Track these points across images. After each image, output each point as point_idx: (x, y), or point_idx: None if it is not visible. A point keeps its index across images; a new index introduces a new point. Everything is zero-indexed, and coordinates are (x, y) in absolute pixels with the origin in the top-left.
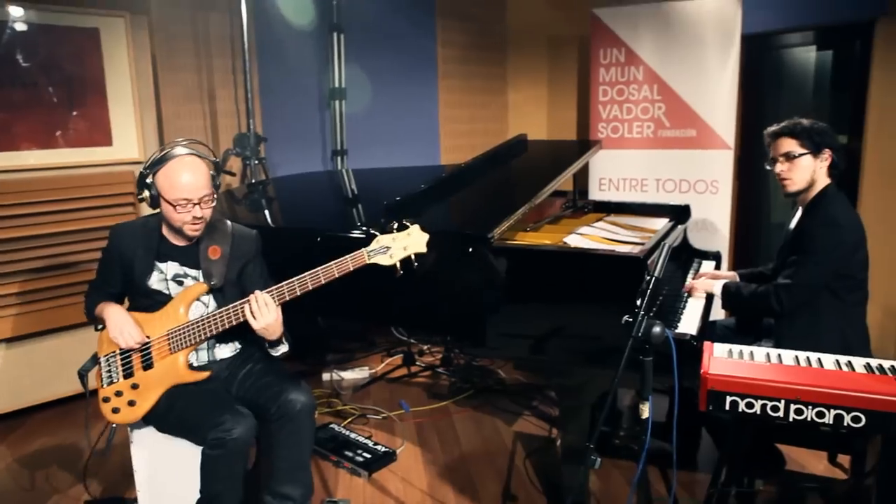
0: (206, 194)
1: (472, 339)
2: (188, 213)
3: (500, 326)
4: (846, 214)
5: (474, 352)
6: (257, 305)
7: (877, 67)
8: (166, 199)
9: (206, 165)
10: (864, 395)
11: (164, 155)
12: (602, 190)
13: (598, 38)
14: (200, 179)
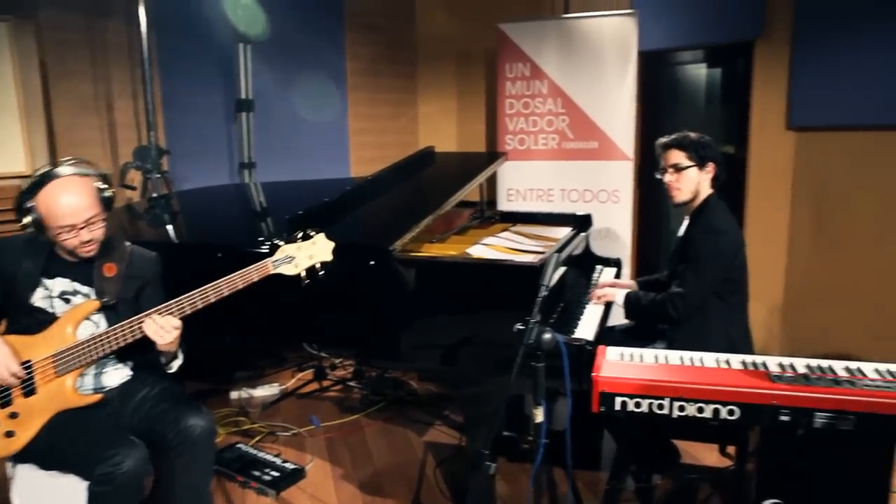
0: (93, 215)
1: (382, 351)
2: (75, 238)
3: (411, 338)
4: (726, 222)
5: (386, 364)
6: (157, 326)
7: (756, 84)
8: (49, 226)
9: (90, 183)
10: (736, 389)
11: (42, 178)
12: (510, 200)
13: (504, 53)
14: (84, 201)
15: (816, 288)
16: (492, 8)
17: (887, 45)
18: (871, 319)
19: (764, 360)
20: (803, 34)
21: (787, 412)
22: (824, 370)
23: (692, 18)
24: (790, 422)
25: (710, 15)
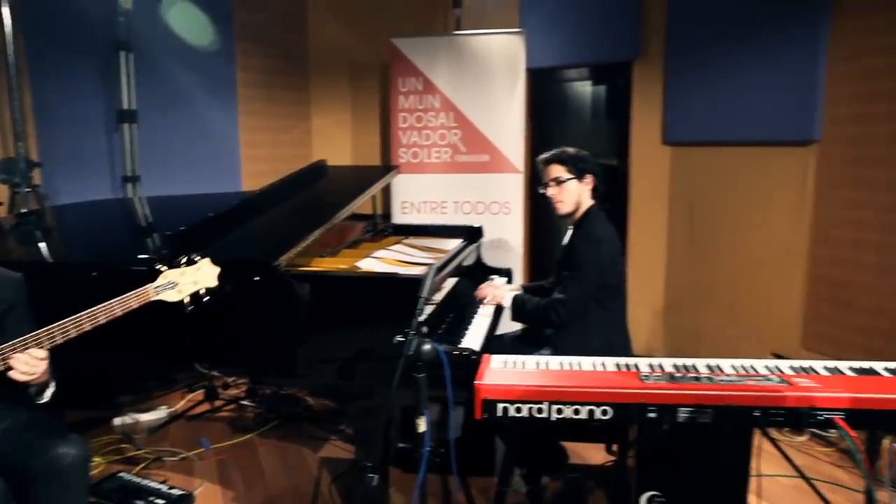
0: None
1: (272, 368)
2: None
3: (302, 353)
4: (605, 232)
5: (278, 381)
6: (22, 362)
7: (635, 101)
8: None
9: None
10: (608, 390)
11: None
12: (404, 213)
13: (396, 67)
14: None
15: (691, 291)
16: (385, 23)
17: (750, 68)
18: (736, 318)
19: (636, 361)
20: (675, 56)
21: (654, 409)
22: (688, 368)
23: (576, 38)
24: (657, 418)
25: (592, 36)
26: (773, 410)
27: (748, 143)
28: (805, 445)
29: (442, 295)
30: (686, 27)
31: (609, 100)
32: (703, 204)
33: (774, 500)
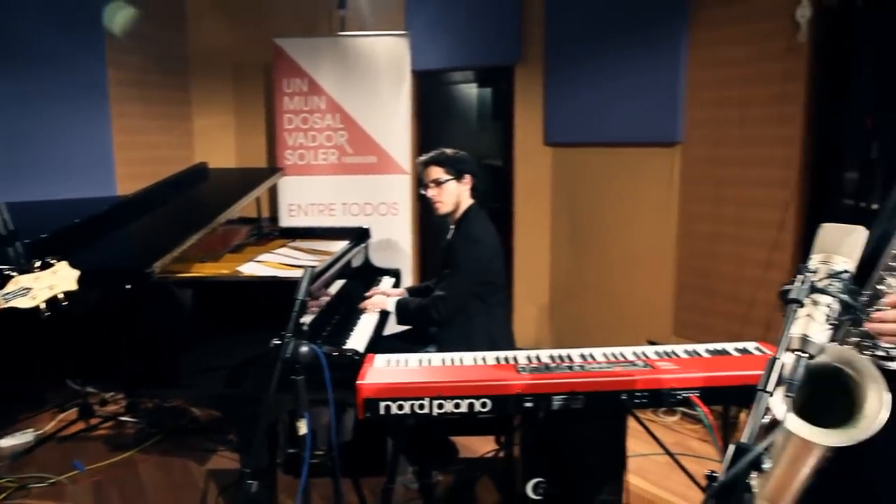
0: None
1: (155, 380)
2: None
3: (187, 363)
4: (484, 230)
5: (161, 394)
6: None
7: (518, 104)
8: None
9: None
10: (486, 383)
11: None
12: (292, 216)
13: (280, 68)
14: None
15: (574, 286)
16: (268, 22)
17: (621, 74)
18: (615, 309)
19: (515, 354)
20: (554, 61)
21: (530, 399)
22: (563, 359)
23: (460, 42)
24: (533, 407)
25: (475, 39)
26: (638, 393)
27: (621, 144)
28: (677, 424)
29: (328, 297)
30: (563, 34)
31: (494, 102)
32: (581, 202)
33: (649, 477)
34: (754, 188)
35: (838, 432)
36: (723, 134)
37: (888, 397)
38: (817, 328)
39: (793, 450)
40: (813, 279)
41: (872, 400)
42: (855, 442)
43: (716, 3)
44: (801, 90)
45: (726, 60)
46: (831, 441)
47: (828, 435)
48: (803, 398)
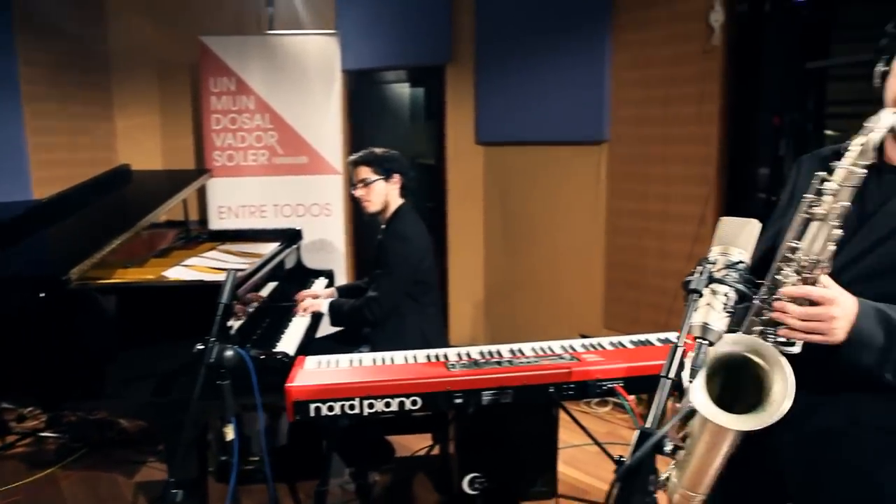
0: None
1: (77, 392)
2: None
3: (112, 373)
4: (414, 229)
5: (83, 406)
6: None
7: (449, 103)
8: None
9: None
10: (416, 381)
11: None
12: (222, 218)
13: (207, 67)
14: None
15: (508, 282)
16: (193, 19)
17: (549, 74)
18: (548, 304)
19: (446, 352)
20: (484, 61)
21: (460, 395)
22: (493, 354)
23: (391, 42)
24: (463, 403)
25: (406, 39)
26: (565, 385)
27: (550, 142)
28: (609, 414)
29: (259, 300)
30: (493, 34)
31: (426, 101)
32: (513, 200)
33: (581, 467)
34: (677, 184)
35: (748, 417)
36: (646, 132)
37: (792, 381)
38: (716, 316)
39: (708, 437)
40: (711, 270)
41: (779, 385)
42: (764, 426)
43: (636, 5)
44: (716, 90)
45: (648, 61)
46: (743, 426)
47: (739, 420)
48: (717, 388)
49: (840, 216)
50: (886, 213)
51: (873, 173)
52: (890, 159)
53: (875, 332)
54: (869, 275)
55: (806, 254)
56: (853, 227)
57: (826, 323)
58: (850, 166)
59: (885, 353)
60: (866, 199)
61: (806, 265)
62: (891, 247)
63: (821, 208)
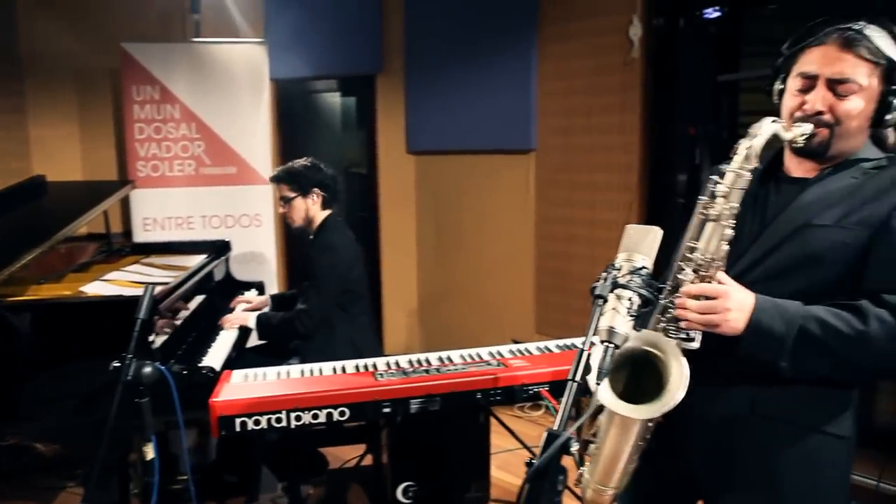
0: None
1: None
2: None
3: (27, 394)
4: (341, 240)
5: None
6: None
7: (380, 113)
8: None
9: None
10: (343, 392)
11: None
12: (147, 230)
13: (129, 74)
14: None
15: (441, 290)
16: (114, 25)
17: (478, 84)
18: (481, 311)
19: (375, 361)
20: (413, 71)
21: (388, 404)
22: (421, 363)
23: (321, 51)
24: (391, 412)
25: (336, 49)
26: (492, 391)
27: (480, 151)
28: (542, 418)
29: (185, 313)
30: (422, 45)
31: (358, 111)
32: (446, 208)
33: (514, 471)
34: (602, 192)
35: (647, 406)
36: (572, 141)
37: (687, 371)
38: (621, 320)
39: (615, 430)
40: (616, 276)
41: (675, 375)
42: (662, 413)
43: (560, 18)
44: (637, 101)
45: (572, 72)
46: (644, 415)
47: (640, 410)
48: (623, 382)
49: (731, 216)
50: (783, 220)
51: (773, 184)
52: (788, 170)
53: (773, 324)
54: (769, 276)
55: (703, 253)
56: (756, 233)
57: (720, 314)
58: (737, 170)
59: (781, 343)
60: (768, 207)
61: (702, 264)
62: (787, 251)
63: (714, 209)
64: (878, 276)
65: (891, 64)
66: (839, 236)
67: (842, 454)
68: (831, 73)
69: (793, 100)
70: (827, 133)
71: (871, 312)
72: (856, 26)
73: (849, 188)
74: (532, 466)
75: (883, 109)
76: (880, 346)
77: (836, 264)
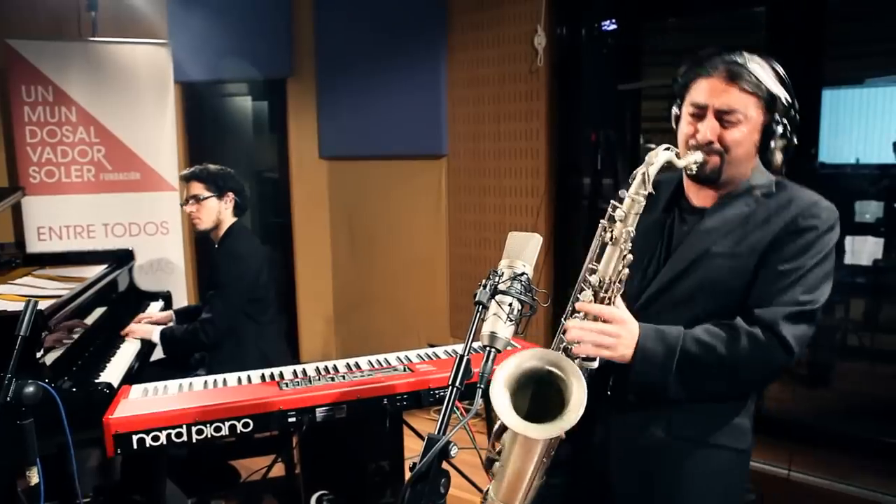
0: None
1: None
2: None
3: None
4: (247, 247)
5: None
6: None
7: (291, 118)
8: None
9: None
10: (246, 403)
11: None
12: (42, 240)
13: (17, 73)
14: None
15: (358, 296)
16: (1, 21)
17: (390, 89)
18: (397, 316)
19: (281, 370)
20: (325, 76)
21: (293, 413)
22: (328, 370)
23: (230, 54)
24: (296, 421)
25: (245, 52)
26: (399, 396)
27: (393, 157)
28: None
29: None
30: (333, 50)
31: (270, 115)
32: (359, 214)
33: None
34: (511, 196)
35: (548, 426)
36: (481, 147)
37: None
38: (502, 325)
39: (518, 449)
40: (498, 282)
41: (576, 394)
42: (563, 431)
43: (469, 26)
44: (542, 108)
45: (481, 80)
46: (544, 434)
47: (540, 429)
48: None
49: (628, 239)
50: (686, 248)
51: (677, 212)
52: (689, 200)
53: (656, 348)
54: (675, 303)
55: (602, 276)
56: (661, 261)
57: (613, 339)
58: (633, 195)
59: (665, 366)
60: (674, 236)
61: (602, 286)
62: (690, 278)
63: (612, 233)
64: (756, 290)
65: (770, 97)
66: (734, 263)
67: (744, 466)
68: (719, 104)
69: (687, 127)
70: (718, 160)
71: (743, 329)
72: (739, 59)
73: (742, 216)
74: (412, 470)
75: (766, 138)
76: (750, 360)
77: (735, 289)
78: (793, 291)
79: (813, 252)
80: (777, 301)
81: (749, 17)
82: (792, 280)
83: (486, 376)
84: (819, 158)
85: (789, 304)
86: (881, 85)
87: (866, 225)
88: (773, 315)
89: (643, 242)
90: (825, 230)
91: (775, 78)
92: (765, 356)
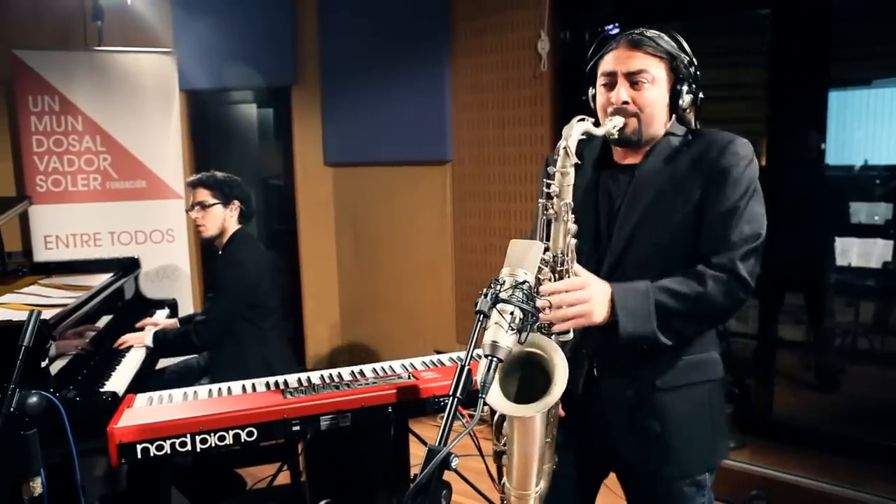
0: None
1: None
2: None
3: None
4: (250, 255)
5: None
6: None
7: (296, 125)
8: None
9: None
10: (250, 411)
11: None
12: (49, 249)
13: (25, 84)
14: None
15: (363, 302)
16: (7, 31)
17: (394, 96)
18: (403, 322)
19: (286, 378)
20: (329, 83)
21: (297, 422)
22: (333, 378)
23: (234, 62)
24: (300, 430)
25: (249, 60)
26: (403, 404)
27: (398, 163)
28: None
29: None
30: (337, 58)
31: (275, 123)
32: (364, 220)
33: None
34: (515, 201)
35: (539, 403)
36: (486, 152)
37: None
38: (504, 334)
39: (518, 434)
40: (499, 290)
41: (559, 368)
42: (550, 406)
43: (472, 32)
44: (546, 113)
45: (485, 85)
46: (535, 410)
47: (531, 407)
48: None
49: (567, 211)
50: (630, 205)
51: (608, 175)
52: (618, 160)
53: (636, 304)
54: (637, 265)
55: (553, 251)
56: (609, 226)
57: (585, 304)
58: (560, 169)
59: (649, 317)
60: (612, 198)
61: (557, 261)
62: (641, 241)
63: (552, 209)
64: (703, 238)
65: (671, 57)
66: (676, 217)
67: (721, 392)
68: (626, 68)
69: (602, 97)
70: (636, 122)
71: (707, 274)
72: (638, 31)
73: (670, 170)
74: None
75: (675, 97)
76: (719, 302)
77: (685, 241)
78: (738, 230)
79: (742, 187)
80: (728, 244)
81: (754, 19)
82: (735, 220)
83: (487, 386)
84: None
85: (739, 244)
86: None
87: (875, 227)
88: (730, 259)
89: (583, 206)
90: (747, 163)
91: (673, 42)
92: (730, 296)
